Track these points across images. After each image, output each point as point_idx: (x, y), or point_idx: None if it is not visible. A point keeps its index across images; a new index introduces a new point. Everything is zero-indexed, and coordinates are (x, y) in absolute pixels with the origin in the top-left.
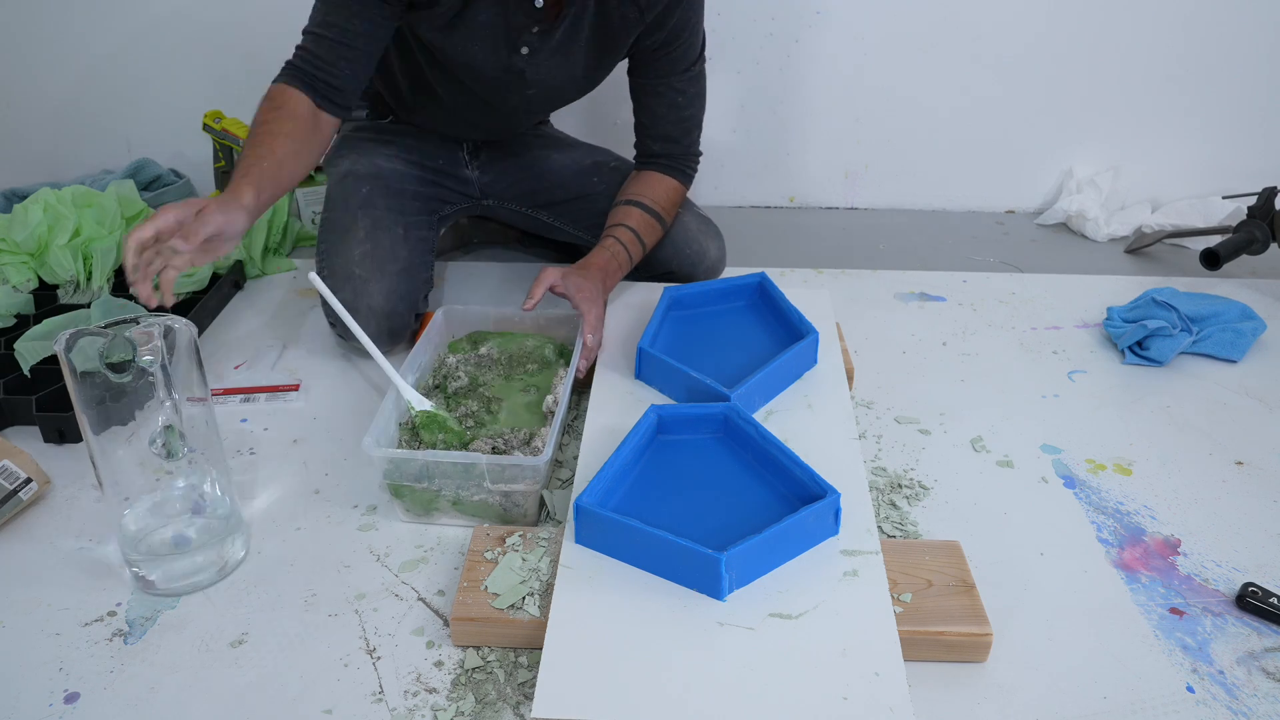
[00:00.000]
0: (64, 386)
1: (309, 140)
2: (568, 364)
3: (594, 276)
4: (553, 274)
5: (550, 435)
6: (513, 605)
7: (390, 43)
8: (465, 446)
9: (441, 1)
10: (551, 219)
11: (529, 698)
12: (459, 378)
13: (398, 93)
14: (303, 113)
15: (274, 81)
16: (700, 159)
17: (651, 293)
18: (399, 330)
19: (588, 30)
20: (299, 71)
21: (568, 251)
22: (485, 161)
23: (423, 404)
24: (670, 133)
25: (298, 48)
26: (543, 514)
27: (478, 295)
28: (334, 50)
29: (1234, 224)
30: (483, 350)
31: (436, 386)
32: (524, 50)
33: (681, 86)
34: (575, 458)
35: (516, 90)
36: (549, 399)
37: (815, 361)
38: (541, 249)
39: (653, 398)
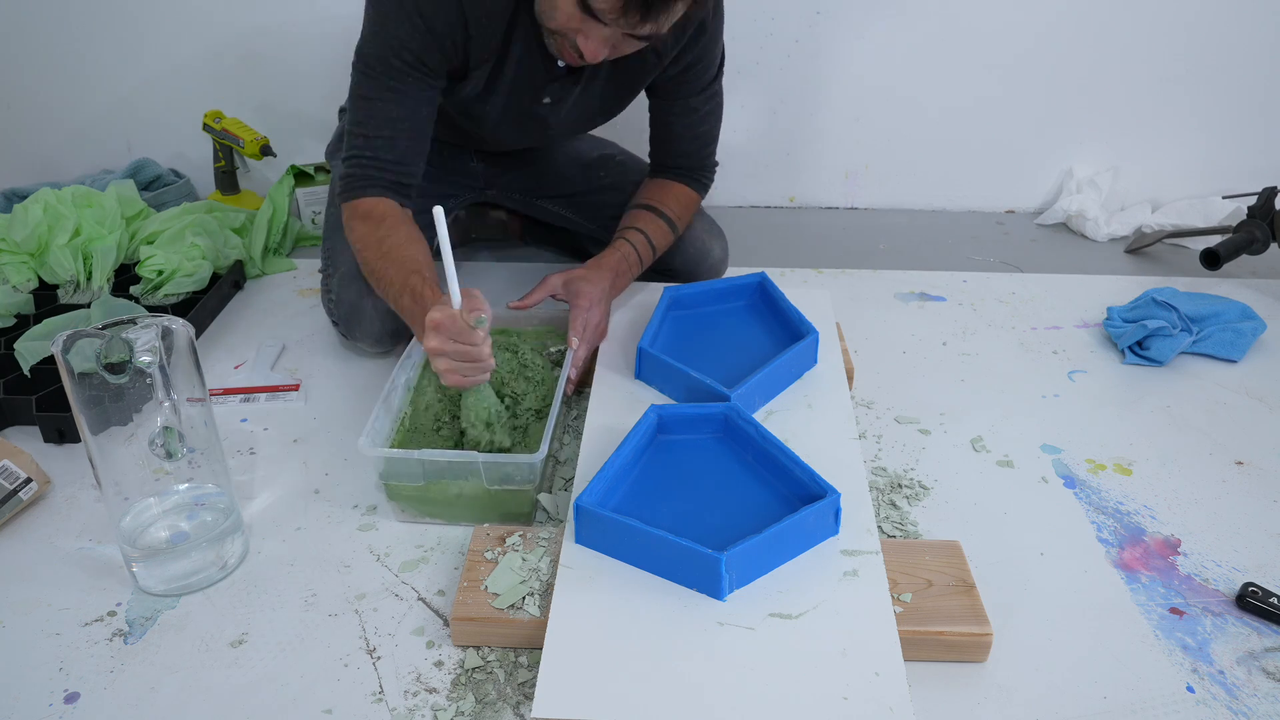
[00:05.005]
0: (64, 386)
1: (419, 234)
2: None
3: (602, 278)
4: (555, 281)
5: (545, 434)
6: (513, 605)
7: None
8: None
9: (472, 76)
10: (557, 208)
11: (529, 698)
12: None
13: None
14: (401, 216)
15: (352, 195)
16: (717, 169)
17: (651, 293)
18: (400, 331)
19: (605, 73)
20: (380, 181)
21: (569, 250)
22: (490, 156)
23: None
24: (687, 149)
25: (363, 156)
26: (536, 512)
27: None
28: (410, 147)
29: (1234, 224)
30: None
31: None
32: (546, 100)
33: (697, 105)
34: (575, 457)
35: (537, 133)
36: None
37: (815, 361)
38: (541, 245)
39: (653, 398)
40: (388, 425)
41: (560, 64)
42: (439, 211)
